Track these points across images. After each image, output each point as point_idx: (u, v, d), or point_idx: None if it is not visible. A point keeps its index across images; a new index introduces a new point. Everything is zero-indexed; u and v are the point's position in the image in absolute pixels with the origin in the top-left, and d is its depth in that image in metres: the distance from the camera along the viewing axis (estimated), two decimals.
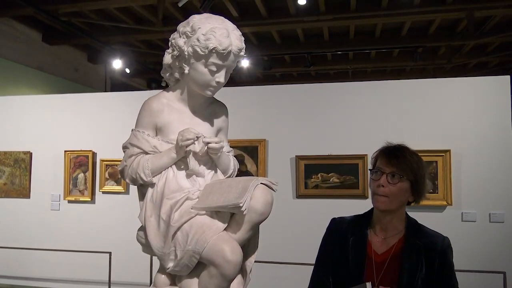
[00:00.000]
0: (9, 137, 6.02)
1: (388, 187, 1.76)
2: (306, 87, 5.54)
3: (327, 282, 1.89)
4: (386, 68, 11.75)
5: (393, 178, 1.76)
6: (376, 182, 1.79)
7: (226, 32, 1.64)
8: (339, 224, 1.97)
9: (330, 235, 1.97)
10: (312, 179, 5.03)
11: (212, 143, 1.70)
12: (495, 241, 4.59)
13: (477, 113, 4.76)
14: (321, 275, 1.92)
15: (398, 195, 1.77)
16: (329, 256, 1.92)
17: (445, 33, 8.63)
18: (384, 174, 1.77)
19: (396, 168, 1.76)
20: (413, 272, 1.74)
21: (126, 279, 5.40)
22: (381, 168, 1.79)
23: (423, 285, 1.73)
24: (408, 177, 1.77)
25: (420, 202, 1.86)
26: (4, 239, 5.80)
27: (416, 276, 1.74)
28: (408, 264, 1.76)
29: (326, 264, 1.92)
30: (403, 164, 1.77)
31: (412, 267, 1.75)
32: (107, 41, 8.58)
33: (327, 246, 1.96)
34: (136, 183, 1.77)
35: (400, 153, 1.80)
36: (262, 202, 1.58)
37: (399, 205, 1.80)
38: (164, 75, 1.85)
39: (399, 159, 1.77)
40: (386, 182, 1.76)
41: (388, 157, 1.80)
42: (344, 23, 8.04)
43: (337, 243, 1.91)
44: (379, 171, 1.79)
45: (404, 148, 1.85)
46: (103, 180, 5.66)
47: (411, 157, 1.80)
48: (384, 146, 1.88)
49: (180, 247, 1.61)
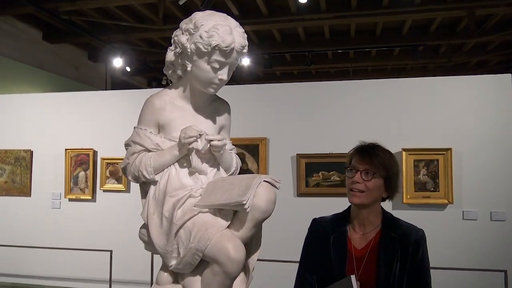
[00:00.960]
0: (9, 135, 6.01)
1: (362, 184, 1.83)
2: (307, 85, 5.54)
3: (312, 281, 1.92)
4: (387, 67, 11.73)
5: (366, 175, 1.83)
6: (351, 179, 1.86)
7: (229, 29, 1.63)
8: (319, 224, 2.03)
9: (312, 235, 2.03)
10: (313, 177, 5.03)
11: (214, 140, 1.69)
12: (496, 239, 4.58)
13: (478, 111, 4.75)
14: (306, 274, 1.95)
15: (372, 191, 1.84)
16: (312, 255, 1.97)
17: (445, 32, 8.62)
18: (358, 172, 1.84)
19: (369, 165, 1.84)
20: (389, 263, 1.81)
21: (127, 277, 5.40)
22: (355, 166, 1.87)
23: (400, 276, 1.80)
24: (381, 173, 1.84)
25: (394, 197, 1.93)
26: (5, 237, 5.79)
27: (393, 267, 1.80)
28: (384, 256, 1.82)
29: (310, 263, 1.96)
30: (376, 161, 1.84)
31: (388, 259, 1.82)
32: (108, 40, 8.57)
33: (310, 245, 2.02)
34: (139, 180, 1.77)
35: (373, 151, 1.88)
36: (265, 200, 1.58)
37: (373, 200, 1.87)
38: (166, 73, 1.84)
39: (372, 157, 1.85)
40: (361, 179, 1.83)
41: (362, 155, 1.87)
42: (345, 22, 8.02)
43: (319, 242, 1.96)
44: (354, 169, 1.86)
45: (377, 146, 1.92)
46: (104, 178, 5.66)
47: (383, 155, 1.88)
48: (358, 145, 1.96)
49: (183, 245, 1.61)
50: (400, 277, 1.79)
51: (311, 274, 1.93)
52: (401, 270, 1.80)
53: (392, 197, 1.93)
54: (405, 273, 1.80)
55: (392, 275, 1.79)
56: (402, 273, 1.80)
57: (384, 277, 1.79)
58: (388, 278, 1.79)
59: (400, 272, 1.79)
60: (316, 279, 1.92)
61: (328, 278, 1.83)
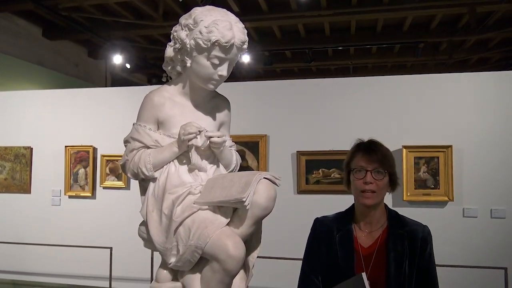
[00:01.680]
0: (9, 132, 6.00)
1: (374, 183, 1.81)
2: (307, 82, 5.51)
3: (317, 282, 1.91)
4: (387, 64, 11.70)
5: (377, 174, 1.81)
6: (361, 180, 1.83)
7: (228, 25, 1.62)
8: (323, 223, 2.01)
9: (315, 234, 2.01)
10: (313, 174, 5.02)
11: (214, 137, 1.68)
12: (496, 237, 4.58)
13: (478, 108, 4.74)
14: (310, 275, 1.93)
15: (383, 189, 1.85)
16: (316, 255, 1.94)
17: (446, 29, 8.58)
18: (369, 172, 1.82)
19: (378, 163, 1.82)
20: (399, 260, 1.80)
21: (127, 274, 5.39)
22: (363, 166, 1.83)
23: (410, 272, 1.79)
24: (388, 169, 1.84)
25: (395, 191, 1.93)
26: (5, 234, 5.79)
27: (402, 264, 1.79)
28: (394, 253, 1.81)
29: (314, 263, 1.94)
30: (383, 158, 1.84)
31: (397, 256, 1.81)
32: (108, 36, 8.55)
33: (314, 245, 1.99)
34: (138, 177, 1.76)
35: (377, 148, 1.87)
36: (266, 196, 1.56)
37: (383, 197, 1.87)
38: (165, 69, 1.83)
39: (378, 155, 1.84)
40: (372, 179, 1.81)
41: (369, 154, 1.85)
42: (345, 19, 8.00)
43: (324, 241, 1.94)
44: (363, 170, 1.83)
45: (376, 142, 1.92)
46: (104, 175, 5.65)
47: (385, 150, 1.88)
48: (356, 143, 1.94)
49: (182, 242, 1.59)
50: (409, 273, 1.79)
51: (316, 274, 1.91)
52: (410, 266, 1.79)
53: (393, 190, 1.92)
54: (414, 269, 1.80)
55: (403, 273, 1.78)
56: (411, 270, 1.79)
57: (395, 275, 1.78)
58: (398, 276, 1.78)
59: (410, 269, 1.79)
60: (321, 279, 1.90)
61: (335, 278, 1.80)
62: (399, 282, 1.78)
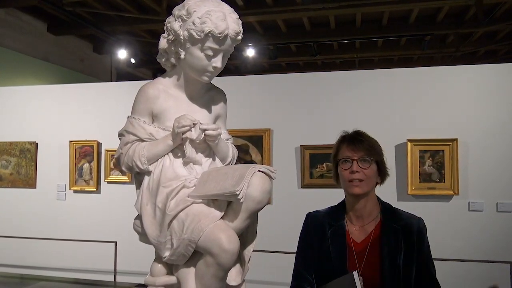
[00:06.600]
0: (14, 127, 6.04)
1: (361, 172, 1.79)
2: (312, 76, 5.47)
3: (310, 279, 1.87)
4: (394, 57, 11.58)
5: (364, 163, 1.80)
6: (347, 170, 1.82)
7: (222, 15, 1.59)
8: (315, 218, 1.97)
9: (307, 230, 1.97)
10: (317, 168, 4.99)
11: (209, 130, 1.66)
12: (502, 231, 4.53)
13: (485, 101, 4.68)
14: (303, 271, 1.90)
15: (371, 178, 1.81)
16: (309, 251, 1.91)
17: (453, 21, 8.47)
18: (355, 161, 1.80)
19: (364, 152, 1.81)
20: (393, 255, 1.76)
21: (131, 268, 5.41)
22: (349, 156, 1.82)
23: (404, 267, 1.75)
24: (375, 158, 1.82)
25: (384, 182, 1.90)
26: (11, 229, 5.84)
27: (396, 259, 1.76)
28: (388, 248, 1.78)
29: (307, 260, 1.91)
30: (368, 147, 1.82)
31: (392, 251, 1.77)
32: (112, 31, 8.55)
33: (306, 241, 1.95)
34: (132, 171, 1.75)
35: (362, 137, 1.86)
36: (260, 190, 1.54)
37: (372, 187, 1.84)
38: (160, 60, 1.82)
39: (364, 144, 1.83)
40: (359, 168, 1.79)
41: (353, 144, 1.84)
42: (350, 11, 7.91)
43: (316, 237, 1.90)
44: (349, 159, 1.82)
45: (363, 133, 1.90)
46: (108, 170, 5.67)
47: (371, 139, 1.87)
48: (342, 135, 1.93)
49: (176, 236, 1.58)
50: (404, 268, 1.75)
51: (309, 271, 1.88)
52: (405, 261, 1.75)
53: (383, 182, 1.89)
54: (410, 264, 1.75)
55: (397, 267, 1.74)
56: (407, 265, 1.75)
57: (389, 270, 1.75)
58: (393, 271, 1.74)
59: (404, 264, 1.75)
60: (314, 276, 1.87)
61: (328, 275, 1.78)
62: (394, 277, 1.74)
